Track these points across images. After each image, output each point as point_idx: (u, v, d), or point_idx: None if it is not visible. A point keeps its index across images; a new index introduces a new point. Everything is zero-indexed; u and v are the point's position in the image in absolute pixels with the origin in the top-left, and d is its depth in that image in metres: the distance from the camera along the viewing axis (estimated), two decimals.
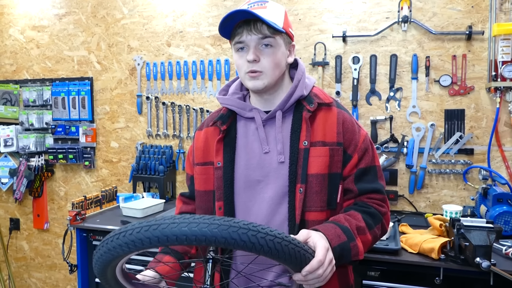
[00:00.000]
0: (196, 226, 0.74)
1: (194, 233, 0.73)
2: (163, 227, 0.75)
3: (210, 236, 0.73)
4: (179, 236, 0.74)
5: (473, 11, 2.24)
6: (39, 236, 3.27)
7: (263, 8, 1.07)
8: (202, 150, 1.20)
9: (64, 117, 3.04)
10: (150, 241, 0.76)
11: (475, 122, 2.27)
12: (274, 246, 0.76)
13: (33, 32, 3.11)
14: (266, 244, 0.76)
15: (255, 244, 0.75)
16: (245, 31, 1.07)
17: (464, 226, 1.60)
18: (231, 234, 0.74)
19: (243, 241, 0.74)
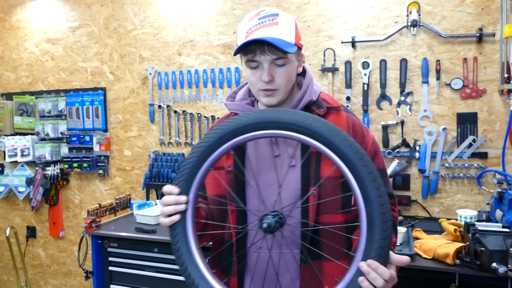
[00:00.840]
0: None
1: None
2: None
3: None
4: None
5: (483, 13, 2.22)
6: (55, 244, 3.32)
7: (275, 25, 1.06)
8: None
9: (78, 127, 3.10)
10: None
11: (488, 125, 2.24)
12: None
13: (47, 45, 3.18)
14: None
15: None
16: (258, 50, 1.07)
17: (479, 230, 1.58)
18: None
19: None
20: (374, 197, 0.84)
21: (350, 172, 0.87)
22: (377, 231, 0.84)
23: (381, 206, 0.84)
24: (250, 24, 1.08)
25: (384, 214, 0.84)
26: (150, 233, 2.16)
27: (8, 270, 3.47)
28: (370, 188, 0.85)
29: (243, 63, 1.15)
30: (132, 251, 2.22)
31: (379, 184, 0.86)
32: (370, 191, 0.85)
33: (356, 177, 0.86)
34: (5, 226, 3.38)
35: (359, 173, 0.85)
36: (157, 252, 2.16)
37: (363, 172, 0.85)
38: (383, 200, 0.85)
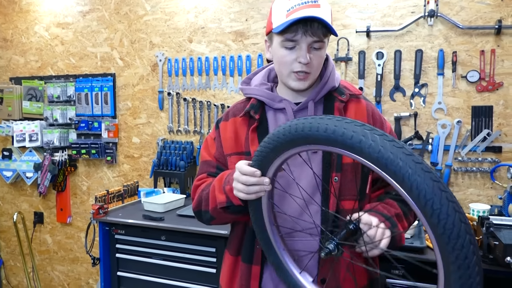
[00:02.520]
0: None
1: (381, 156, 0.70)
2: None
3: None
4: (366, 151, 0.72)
5: (502, 5, 2.17)
6: (62, 230, 3.33)
7: (318, 7, 1.03)
8: (234, 140, 1.19)
9: (87, 113, 3.09)
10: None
11: (504, 119, 2.20)
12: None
13: (57, 29, 3.16)
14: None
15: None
16: (300, 30, 1.04)
17: (493, 224, 1.56)
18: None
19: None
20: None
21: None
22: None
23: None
24: (292, 3, 1.04)
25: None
26: (158, 221, 2.15)
27: (15, 256, 3.49)
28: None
29: (275, 43, 1.10)
30: (140, 239, 2.22)
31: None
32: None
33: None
34: (13, 212, 3.40)
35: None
36: (164, 240, 2.15)
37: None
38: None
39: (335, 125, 0.75)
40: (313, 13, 1.00)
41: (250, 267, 1.14)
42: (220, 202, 1.07)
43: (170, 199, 2.41)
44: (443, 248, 0.66)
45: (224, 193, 1.06)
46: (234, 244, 1.20)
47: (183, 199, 2.49)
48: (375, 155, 0.70)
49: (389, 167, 0.69)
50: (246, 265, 1.15)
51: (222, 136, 1.22)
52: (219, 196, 1.08)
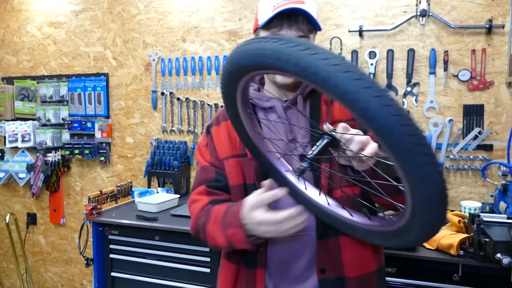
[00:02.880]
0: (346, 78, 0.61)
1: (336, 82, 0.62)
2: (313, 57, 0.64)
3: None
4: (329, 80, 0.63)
5: (493, 4, 2.19)
6: (55, 231, 3.31)
7: (302, 3, 1.05)
8: (229, 143, 1.18)
9: (80, 113, 3.08)
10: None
11: (495, 118, 2.23)
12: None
13: (50, 29, 3.15)
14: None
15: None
16: (285, 25, 1.05)
17: (484, 221, 1.57)
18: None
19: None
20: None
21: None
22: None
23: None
24: (276, 1, 1.06)
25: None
26: (151, 221, 2.14)
27: (7, 257, 3.47)
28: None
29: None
30: (133, 239, 2.21)
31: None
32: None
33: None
34: (5, 213, 3.37)
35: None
36: (158, 240, 2.15)
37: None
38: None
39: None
40: (298, 7, 1.03)
41: (255, 272, 1.13)
42: (221, 246, 1.06)
43: (163, 199, 2.41)
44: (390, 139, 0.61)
45: (224, 237, 1.03)
46: (233, 252, 1.17)
47: (177, 199, 2.48)
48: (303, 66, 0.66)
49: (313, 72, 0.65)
50: (250, 270, 1.14)
51: (215, 141, 1.20)
52: (218, 239, 1.05)
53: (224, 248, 1.07)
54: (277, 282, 1.14)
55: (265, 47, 0.71)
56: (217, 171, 1.19)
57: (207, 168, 1.20)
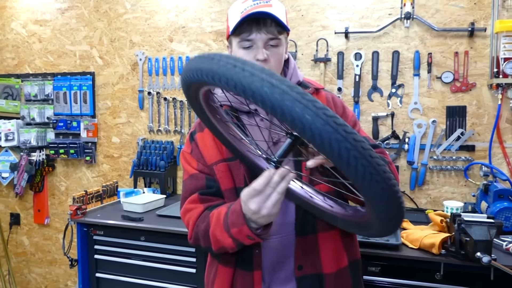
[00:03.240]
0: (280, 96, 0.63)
1: (272, 102, 0.64)
2: (248, 79, 0.66)
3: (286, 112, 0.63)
4: (256, 95, 0.65)
5: (475, 8, 2.24)
6: (39, 231, 3.27)
7: (269, 6, 1.08)
8: (215, 148, 1.17)
9: (65, 112, 3.04)
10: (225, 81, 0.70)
11: (477, 119, 2.27)
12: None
13: (35, 26, 3.11)
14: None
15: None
16: (254, 29, 1.07)
17: (464, 221, 1.60)
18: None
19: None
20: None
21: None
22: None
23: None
24: (245, 5, 1.08)
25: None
26: (137, 221, 2.13)
27: None
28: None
29: (234, 46, 1.14)
30: (119, 239, 2.20)
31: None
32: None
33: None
34: None
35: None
36: (144, 241, 2.14)
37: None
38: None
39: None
40: (264, 10, 1.05)
41: (252, 274, 1.13)
42: (229, 247, 1.05)
43: (149, 199, 2.39)
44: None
45: (230, 237, 1.01)
46: (229, 257, 1.16)
47: (163, 199, 2.47)
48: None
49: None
50: (248, 273, 1.14)
51: (201, 147, 1.19)
52: (224, 242, 1.04)
53: (232, 249, 1.05)
54: (270, 283, 1.15)
55: (200, 66, 0.74)
56: (207, 177, 1.17)
57: (196, 175, 1.19)
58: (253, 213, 0.90)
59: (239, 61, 0.69)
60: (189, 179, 1.20)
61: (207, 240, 1.08)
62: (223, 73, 0.69)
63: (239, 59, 0.70)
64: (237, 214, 0.97)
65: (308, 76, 2.44)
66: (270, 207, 0.87)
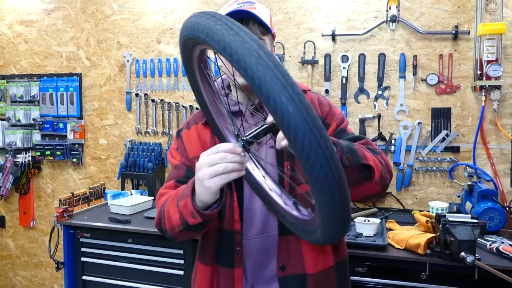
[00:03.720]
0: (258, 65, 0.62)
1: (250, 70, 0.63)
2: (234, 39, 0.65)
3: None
4: (241, 61, 0.64)
5: (459, 11, 2.27)
6: (25, 234, 3.22)
7: (253, 9, 1.10)
8: (200, 144, 1.19)
9: (52, 113, 3.01)
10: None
11: (461, 120, 2.31)
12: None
13: (21, 27, 3.07)
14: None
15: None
16: None
17: (449, 221, 1.62)
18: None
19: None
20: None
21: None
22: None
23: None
24: (229, 9, 1.11)
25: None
26: (124, 223, 2.12)
27: None
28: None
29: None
30: (106, 242, 2.18)
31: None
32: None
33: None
34: None
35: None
36: (131, 243, 2.12)
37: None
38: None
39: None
40: (248, 10, 1.08)
41: (232, 271, 1.13)
42: (177, 225, 1.01)
43: (137, 201, 2.38)
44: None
45: (178, 212, 0.98)
46: (208, 253, 1.17)
47: (151, 201, 2.46)
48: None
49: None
50: (228, 270, 1.14)
51: (186, 143, 1.22)
52: (173, 217, 1.01)
53: (179, 228, 1.01)
54: (254, 282, 1.15)
55: (199, 21, 0.72)
56: (188, 169, 1.20)
57: (179, 166, 1.21)
58: (198, 180, 0.88)
59: (236, 25, 0.67)
60: (172, 170, 1.22)
61: (164, 219, 1.07)
62: (217, 32, 0.67)
63: (238, 24, 0.68)
64: (188, 186, 0.96)
65: (295, 78, 2.45)
66: (209, 175, 0.84)
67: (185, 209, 0.96)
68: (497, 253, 1.67)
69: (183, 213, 0.97)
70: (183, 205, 0.96)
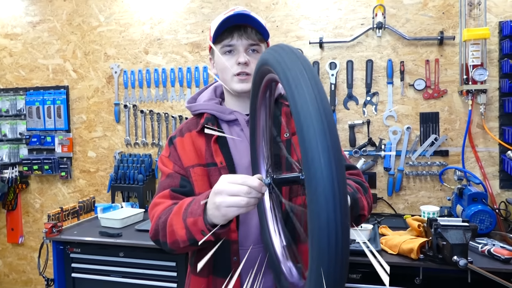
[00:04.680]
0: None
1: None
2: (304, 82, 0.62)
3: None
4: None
5: (444, 17, 2.31)
6: (13, 251, 3.15)
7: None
8: (194, 152, 1.17)
9: (39, 127, 2.97)
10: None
11: (449, 125, 2.33)
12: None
13: (5, 40, 3.03)
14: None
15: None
16: (235, 35, 1.11)
17: (441, 225, 1.63)
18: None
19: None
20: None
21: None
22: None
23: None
24: (228, 14, 1.11)
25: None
26: (115, 237, 2.09)
27: None
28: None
29: (216, 54, 1.15)
30: (97, 256, 2.14)
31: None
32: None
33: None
34: None
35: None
36: (123, 257, 2.09)
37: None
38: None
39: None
40: (246, 13, 1.09)
41: (229, 281, 1.12)
42: (181, 241, 1.00)
43: (128, 214, 2.35)
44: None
45: (184, 228, 0.98)
46: (204, 265, 1.17)
47: (142, 214, 2.43)
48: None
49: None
50: (225, 280, 1.10)
51: (180, 150, 1.19)
52: (178, 233, 1.00)
53: (184, 244, 1.00)
54: None
55: (283, 56, 0.70)
56: (182, 177, 1.17)
57: (172, 175, 1.18)
58: (214, 203, 0.88)
59: (314, 78, 0.64)
60: (165, 179, 1.19)
61: (165, 232, 1.05)
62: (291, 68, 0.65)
63: (317, 81, 0.64)
64: (198, 204, 0.95)
65: None
66: (229, 204, 0.84)
67: (194, 227, 0.95)
68: (488, 256, 1.68)
69: (191, 230, 0.96)
70: (192, 222, 0.95)
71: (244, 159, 1.15)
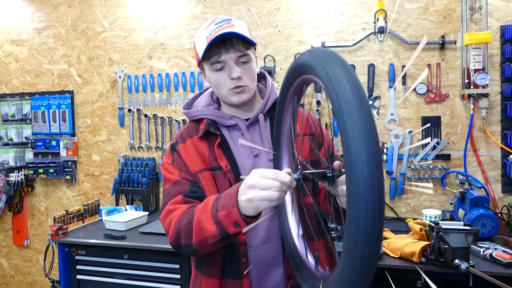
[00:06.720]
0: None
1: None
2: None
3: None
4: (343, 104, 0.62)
5: (445, 22, 2.32)
6: (19, 253, 3.19)
7: (232, 26, 1.12)
8: (199, 158, 1.18)
9: (44, 131, 3.00)
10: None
11: (451, 129, 2.34)
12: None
13: (11, 46, 3.07)
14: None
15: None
16: (222, 50, 1.11)
17: (442, 229, 1.64)
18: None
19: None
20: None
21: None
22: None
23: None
24: (208, 31, 1.12)
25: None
26: (120, 240, 2.11)
27: None
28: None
29: (207, 71, 1.17)
30: (101, 259, 2.17)
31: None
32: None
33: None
34: None
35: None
36: (127, 259, 2.11)
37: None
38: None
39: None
40: (228, 31, 1.09)
41: (240, 282, 1.13)
42: (211, 237, 1.00)
43: (132, 216, 2.37)
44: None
45: (215, 223, 0.98)
46: (214, 267, 1.16)
47: (146, 216, 2.45)
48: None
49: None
50: (235, 282, 1.14)
51: (184, 157, 1.19)
52: (208, 229, 1.00)
53: (213, 240, 1.01)
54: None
55: (325, 57, 0.72)
56: (191, 183, 1.17)
57: (180, 181, 1.18)
58: (246, 196, 0.91)
59: (354, 80, 0.65)
60: (172, 186, 1.18)
61: (189, 233, 1.05)
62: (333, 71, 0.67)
63: (358, 83, 0.65)
64: (230, 197, 0.97)
65: None
66: (261, 198, 0.88)
67: (227, 219, 0.96)
68: (490, 260, 1.69)
69: (224, 223, 0.97)
70: (225, 215, 0.96)
71: (246, 162, 1.17)
